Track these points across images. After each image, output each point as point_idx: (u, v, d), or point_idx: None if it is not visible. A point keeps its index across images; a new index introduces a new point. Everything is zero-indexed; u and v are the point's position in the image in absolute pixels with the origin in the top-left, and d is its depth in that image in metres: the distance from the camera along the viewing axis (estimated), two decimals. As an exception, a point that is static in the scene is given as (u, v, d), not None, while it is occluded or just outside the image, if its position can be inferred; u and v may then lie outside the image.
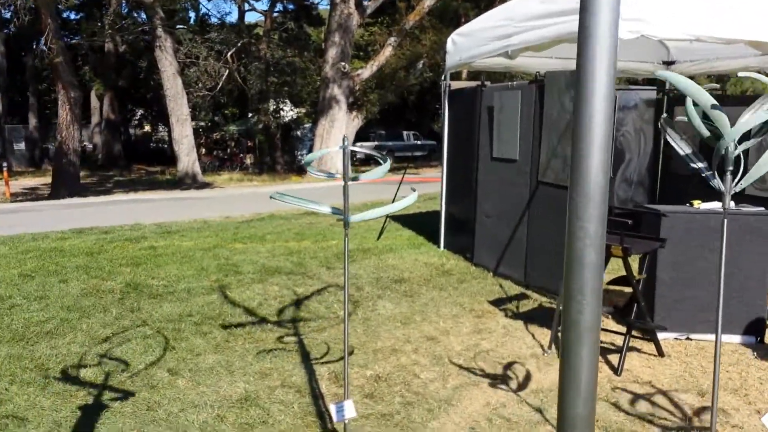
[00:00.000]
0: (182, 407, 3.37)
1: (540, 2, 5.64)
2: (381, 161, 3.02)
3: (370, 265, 6.65)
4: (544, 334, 4.67)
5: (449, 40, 7.18)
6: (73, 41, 32.13)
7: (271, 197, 2.98)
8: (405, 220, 9.62)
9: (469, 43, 6.74)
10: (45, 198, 15.49)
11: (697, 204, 4.67)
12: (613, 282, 5.17)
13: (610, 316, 5.09)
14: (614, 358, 4.18)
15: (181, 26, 30.53)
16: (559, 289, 4.44)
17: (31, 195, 17.62)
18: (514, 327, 4.83)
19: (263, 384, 3.71)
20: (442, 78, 7.44)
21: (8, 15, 30.45)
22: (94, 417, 3.19)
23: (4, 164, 18.15)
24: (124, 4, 23.81)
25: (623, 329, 4.71)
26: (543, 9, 5.50)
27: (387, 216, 9.03)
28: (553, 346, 4.37)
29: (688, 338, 4.59)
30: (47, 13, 13.38)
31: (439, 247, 7.52)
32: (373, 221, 9.22)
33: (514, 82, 6.23)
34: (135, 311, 4.98)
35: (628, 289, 5.73)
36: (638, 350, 4.39)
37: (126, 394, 3.47)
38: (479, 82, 6.69)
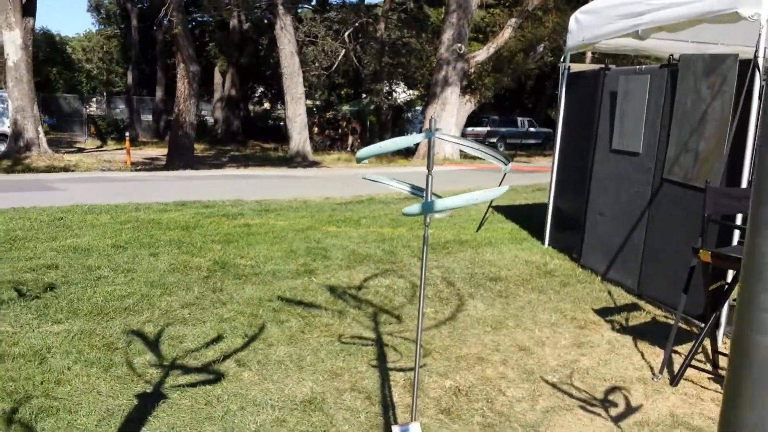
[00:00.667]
0: (242, 405, 3.12)
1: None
2: (503, 162, 2.54)
3: (465, 258, 6.21)
4: (656, 355, 4.07)
5: (572, 18, 6.53)
6: (202, 19, 33.51)
7: (364, 178, 2.63)
8: (509, 211, 9.07)
9: (595, 22, 6.08)
10: (161, 168, 16.13)
11: None
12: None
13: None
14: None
15: (304, 5, 31.03)
16: (679, 303, 3.83)
17: (150, 165, 18.45)
18: (621, 343, 4.25)
19: (332, 385, 3.41)
20: (562, 60, 6.80)
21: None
22: (149, 408, 3.00)
23: (127, 134, 19.13)
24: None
25: None
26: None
27: (490, 206, 8.53)
28: (665, 371, 3.78)
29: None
30: (168, -16, 13.79)
31: (543, 243, 6.94)
32: (475, 210, 8.74)
33: (643, 66, 5.52)
34: (217, 291, 4.84)
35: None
36: None
37: (187, 385, 3.28)
38: (602, 65, 6.02)
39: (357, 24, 25.81)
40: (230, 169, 16.76)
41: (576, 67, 6.81)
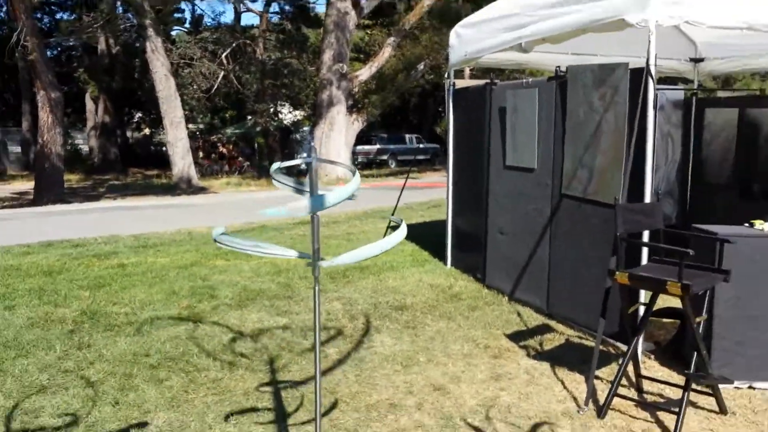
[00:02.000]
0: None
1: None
2: (351, 172, 2.28)
3: (367, 287, 5.82)
4: (576, 383, 3.84)
5: (452, 33, 6.36)
6: (68, 43, 31.45)
7: (214, 240, 2.22)
8: (408, 230, 8.76)
9: (476, 36, 5.92)
10: (28, 204, 14.69)
11: (760, 225, 3.85)
12: (654, 314, 4.35)
13: (652, 356, 4.26)
14: (666, 417, 3.35)
15: (177, 27, 29.87)
16: (598, 328, 3.62)
17: (18, 200, 16.82)
18: (539, 371, 4.00)
19: (224, 458, 2.89)
20: (446, 76, 6.62)
21: (-2, 17, 29.86)
22: None
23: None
24: (116, 3, 22.99)
25: (671, 374, 3.90)
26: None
27: (388, 225, 8.23)
28: (590, 402, 3.54)
29: (750, 387, 3.76)
30: (19, 8, 12.57)
31: (445, 264, 6.69)
32: (373, 231, 8.41)
33: (530, 80, 5.40)
34: (84, 348, 4.16)
35: (670, 321, 4.92)
36: (694, 405, 3.54)
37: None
38: (488, 80, 5.86)
39: (234, 45, 25.09)
40: (107, 201, 15.53)
41: (462, 83, 6.66)
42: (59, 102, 13.90)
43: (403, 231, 2.23)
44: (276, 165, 2.33)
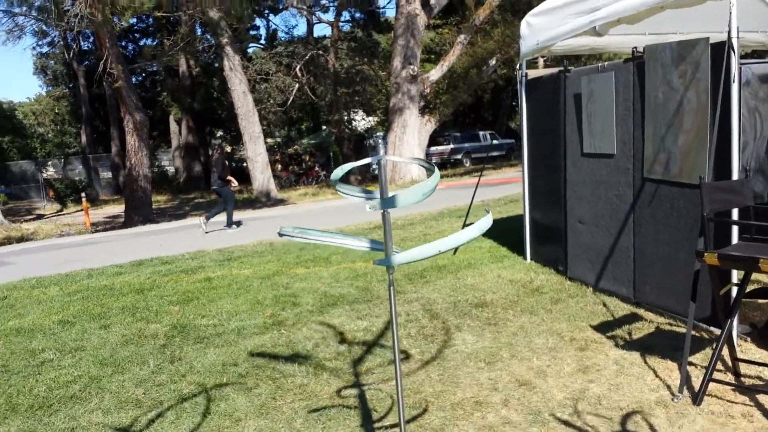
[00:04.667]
0: (206, 503, 2.63)
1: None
2: (429, 170, 2.24)
3: (445, 285, 5.79)
4: (669, 370, 3.67)
5: (523, 23, 6.21)
6: (151, 69, 33.05)
7: (279, 233, 2.25)
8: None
9: (547, 23, 5.76)
10: (120, 227, 15.49)
11: None
12: (748, 295, 4.11)
13: (748, 339, 4.02)
14: (767, 400, 3.15)
15: (253, 44, 30.79)
16: (689, 312, 3.44)
17: (110, 224, 17.78)
18: (629, 361, 3.84)
19: (312, 461, 2.93)
20: (517, 67, 6.49)
21: (86, 47, 31.69)
22: None
23: (83, 195, 18.45)
24: (195, 25, 23.88)
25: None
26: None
27: (464, 224, 8.14)
28: (684, 389, 3.38)
29: None
30: (104, 37, 13.27)
31: (525, 258, 6.56)
32: (450, 231, 8.34)
33: (605, 63, 5.22)
34: (175, 361, 4.33)
35: (765, 301, 4.64)
36: (795, 389, 3.33)
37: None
38: (562, 68, 5.71)
39: (307, 56, 25.57)
40: (192, 218, 16.17)
41: (534, 73, 6.51)
42: (145, 125, 14.58)
43: (488, 221, 2.17)
44: (339, 170, 2.33)
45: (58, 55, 35.65)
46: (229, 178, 11.11)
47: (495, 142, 30.34)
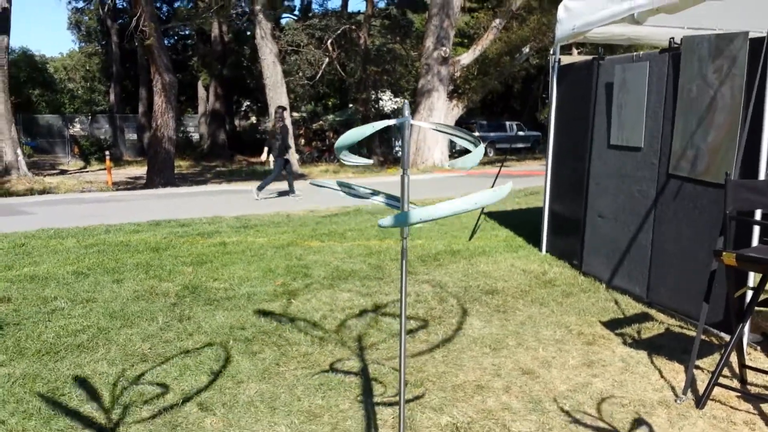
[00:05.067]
0: (200, 460, 2.65)
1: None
2: (473, 144, 2.16)
3: (458, 270, 5.75)
4: (675, 372, 3.62)
5: (561, 6, 6.08)
6: (184, 32, 33.11)
7: (311, 183, 2.20)
8: (502, 217, 8.63)
9: (586, 8, 5.63)
10: (141, 187, 15.61)
11: None
12: (762, 303, 4.03)
13: (758, 347, 3.95)
14: (777, 414, 3.09)
15: (287, 15, 30.67)
16: (701, 313, 3.38)
17: (132, 184, 17.93)
18: (636, 359, 3.80)
19: (309, 429, 2.93)
20: (551, 52, 6.37)
21: (121, 4, 31.80)
22: (87, 471, 2.53)
23: (107, 153, 18.62)
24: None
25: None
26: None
27: (482, 213, 8.07)
28: (689, 391, 3.33)
29: None
30: (141, -7, 13.29)
31: (540, 250, 6.49)
32: (467, 217, 8.30)
33: (641, 53, 5.10)
34: (184, 320, 4.36)
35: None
36: (808, 400, 3.27)
37: (137, 437, 2.80)
38: (596, 55, 5.59)
39: (340, 31, 25.41)
40: (213, 185, 16.25)
41: (567, 60, 6.39)
42: (173, 86, 14.60)
43: (507, 187, 2.10)
44: (342, 139, 2.22)
45: (92, 11, 35.86)
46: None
47: (521, 133, 30.07)
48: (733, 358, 3.60)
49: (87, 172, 23.45)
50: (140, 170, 22.75)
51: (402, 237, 2.30)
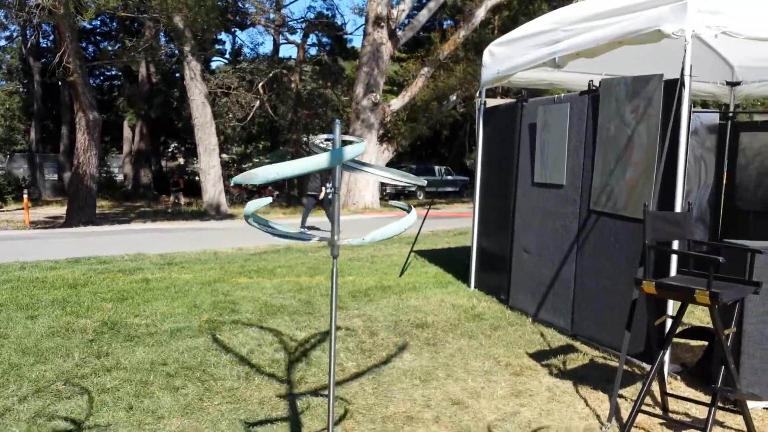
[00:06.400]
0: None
1: (593, 3, 4.81)
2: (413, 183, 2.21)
3: (389, 305, 5.74)
4: (600, 400, 3.70)
5: (486, 52, 6.33)
6: (110, 72, 32.42)
7: (245, 216, 2.19)
8: (432, 255, 8.72)
9: (510, 53, 5.88)
10: (61, 226, 14.94)
11: (795, 240, 3.70)
12: (681, 335, 4.20)
13: (678, 377, 4.10)
14: (695, 438, 3.20)
15: (217, 58, 30.57)
16: (623, 342, 3.48)
17: (51, 223, 17.15)
18: (561, 389, 3.86)
19: (233, 463, 2.82)
20: (477, 95, 6.59)
21: (45, 44, 30.92)
22: None
23: (25, 191, 17.80)
24: (159, 31, 23.57)
25: (698, 395, 3.73)
26: (598, 8, 4.65)
27: (411, 250, 8.14)
28: (613, 420, 3.40)
29: (782, 409, 3.58)
30: (65, 29, 12.93)
31: (469, 286, 6.58)
32: (397, 255, 8.35)
33: (561, 95, 5.34)
34: (102, 356, 4.15)
35: (696, 343, 4.74)
36: (721, 425, 3.40)
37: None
38: (520, 96, 5.82)
39: (271, 74, 25.51)
40: (137, 224, 15.75)
41: (492, 102, 6.62)
42: (97, 124, 14.17)
43: (413, 215, 2.15)
44: (251, 206, 2.23)
45: (15, 50, 34.67)
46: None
47: (449, 177, 30.72)
48: (655, 387, 3.71)
49: (3, 211, 22.31)
50: (60, 210, 21.82)
51: (332, 256, 2.29)
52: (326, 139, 2.43)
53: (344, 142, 2.35)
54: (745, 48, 6.36)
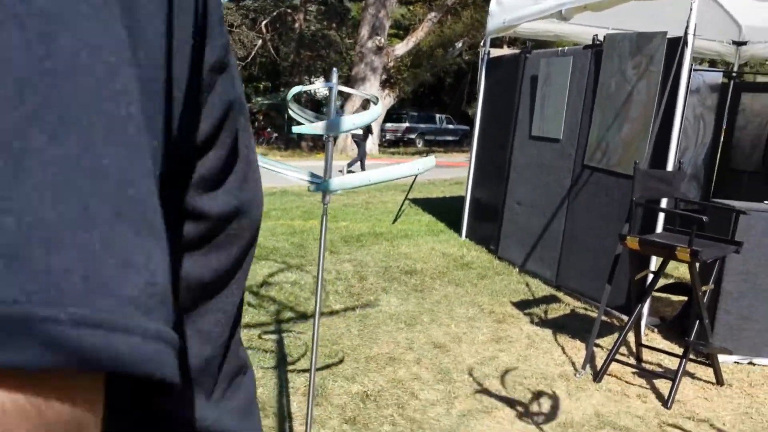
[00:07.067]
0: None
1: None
2: (373, 102, 2.24)
3: (379, 251, 5.83)
4: (577, 349, 3.82)
5: (493, 1, 6.23)
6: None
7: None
8: (426, 203, 8.78)
9: (517, 3, 5.79)
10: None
11: (780, 202, 3.75)
12: (663, 289, 4.30)
13: (655, 329, 4.21)
14: (662, 385, 3.32)
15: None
16: (603, 294, 3.57)
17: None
18: (540, 337, 3.98)
19: (219, 394, 2.93)
20: (482, 44, 6.52)
21: None
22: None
23: None
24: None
25: (672, 347, 3.85)
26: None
27: (406, 197, 8.20)
28: (587, 366, 3.52)
29: (751, 363, 3.70)
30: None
31: (460, 235, 6.66)
32: (392, 202, 8.40)
33: (565, 48, 5.30)
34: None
35: (678, 298, 4.85)
36: (692, 376, 3.52)
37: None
38: (524, 47, 5.77)
39: (275, 13, 25.06)
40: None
41: (496, 53, 6.56)
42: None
43: (430, 161, 2.17)
44: (295, 89, 2.29)
45: None
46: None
47: (450, 126, 30.54)
48: (631, 338, 3.83)
49: None
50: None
51: (323, 203, 2.33)
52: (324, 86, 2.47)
53: (340, 92, 2.38)
54: (754, 6, 6.28)
